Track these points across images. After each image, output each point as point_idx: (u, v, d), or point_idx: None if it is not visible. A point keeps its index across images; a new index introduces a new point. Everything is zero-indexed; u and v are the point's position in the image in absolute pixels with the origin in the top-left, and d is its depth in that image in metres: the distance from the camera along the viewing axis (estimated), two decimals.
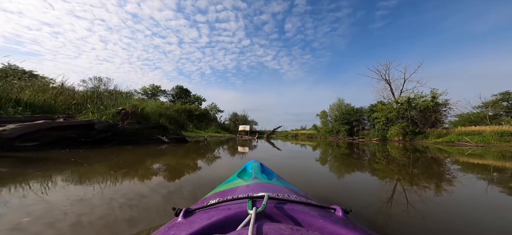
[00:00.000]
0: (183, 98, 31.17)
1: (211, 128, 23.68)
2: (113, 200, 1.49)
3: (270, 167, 1.46)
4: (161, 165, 3.11)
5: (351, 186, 2.29)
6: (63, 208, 1.29)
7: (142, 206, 1.39)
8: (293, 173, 2.77)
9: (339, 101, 30.33)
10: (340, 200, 1.74)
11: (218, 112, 32.63)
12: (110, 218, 1.18)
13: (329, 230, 0.46)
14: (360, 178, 2.70)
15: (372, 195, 1.92)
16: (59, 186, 1.79)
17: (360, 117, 24.54)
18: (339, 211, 0.61)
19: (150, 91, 30.37)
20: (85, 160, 3.13)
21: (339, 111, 28.14)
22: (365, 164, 3.97)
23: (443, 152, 6.86)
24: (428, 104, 16.77)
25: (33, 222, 1.10)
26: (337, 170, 3.27)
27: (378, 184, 2.40)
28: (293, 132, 36.25)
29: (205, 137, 12.51)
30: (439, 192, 2.01)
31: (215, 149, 6.00)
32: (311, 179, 2.48)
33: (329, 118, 31.52)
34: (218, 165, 3.41)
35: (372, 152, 6.59)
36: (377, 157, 5.20)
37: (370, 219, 1.31)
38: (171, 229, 0.50)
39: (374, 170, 3.32)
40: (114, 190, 1.72)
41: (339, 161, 4.43)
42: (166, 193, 1.70)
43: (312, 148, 8.26)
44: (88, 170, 2.52)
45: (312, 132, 33.48)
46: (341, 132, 24.38)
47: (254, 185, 0.85)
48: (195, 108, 24.98)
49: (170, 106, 17.10)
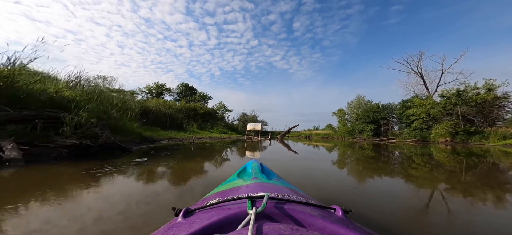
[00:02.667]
0: (188, 96, 29.21)
1: (216, 128, 21.39)
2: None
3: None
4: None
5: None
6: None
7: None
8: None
9: (358, 99, 27.22)
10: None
11: (226, 112, 30.37)
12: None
13: (329, 230, 0.46)
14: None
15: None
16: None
17: (388, 115, 21.12)
18: (339, 211, 0.60)
19: (154, 90, 28.73)
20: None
21: (359, 109, 24.94)
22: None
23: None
24: (487, 97, 13.23)
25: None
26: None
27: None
28: (306, 132, 33.89)
29: (192, 138, 9.76)
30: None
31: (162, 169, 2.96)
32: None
33: (347, 117, 28.39)
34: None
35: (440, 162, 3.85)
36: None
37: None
38: (171, 229, 0.50)
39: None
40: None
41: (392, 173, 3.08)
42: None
43: (337, 152, 6.53)
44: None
45: (328, 132, 30.79)
46: (365, 131, 21.10)
47: (254, 185, 0.85)
48: (200, 106, 22.78)
49: (161, 103, 14.72)
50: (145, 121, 9.78)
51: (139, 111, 8.95)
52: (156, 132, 8.77)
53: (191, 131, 13.91)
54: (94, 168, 2.69)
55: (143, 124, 9.14)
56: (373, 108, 22.02)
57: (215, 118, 24.68)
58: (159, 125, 10.86)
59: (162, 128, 10.74)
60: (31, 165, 2.76)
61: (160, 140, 7.60)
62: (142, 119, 9.24)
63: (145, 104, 11.15)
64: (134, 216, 1.29)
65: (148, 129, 8.81)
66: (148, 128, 8.82)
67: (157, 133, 8.54)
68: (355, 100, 27.48)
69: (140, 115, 9.27)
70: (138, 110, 8.62)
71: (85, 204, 1.49)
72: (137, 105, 9.37)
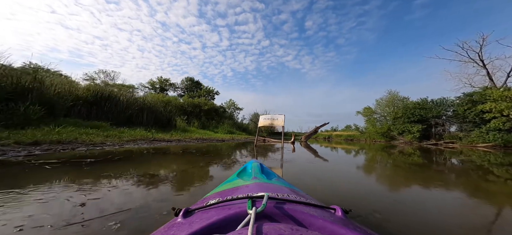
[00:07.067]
0: (193, 91, 26.38)
1: (222, 127, 18.08)
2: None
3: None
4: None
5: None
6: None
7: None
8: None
9: (390, 95, 22.74)
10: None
11: (236, 110, 27.08)
12: None
13: (329, 230, 0.45)
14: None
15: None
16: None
17: (443, 112, 16.33)
18: (339, 211, 0.58)
19: (158, 85, 26.30)
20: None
21: (394, 107, 20.36)
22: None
23: None
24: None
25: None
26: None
27: None
28: (324, 134, 29.81)
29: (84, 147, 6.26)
30: None
31: None
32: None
33: (377, 116, 23.91)
34: None
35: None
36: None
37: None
38: (171, 229, 0.49)
39: None
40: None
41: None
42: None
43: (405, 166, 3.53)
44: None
45: (353, 133, 26.41)
46: (410, 133, 16.52)
47: (254, 185, 0.84)
48: (204, 102, 19.65)
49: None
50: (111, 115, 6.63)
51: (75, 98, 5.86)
52: (105, 131, 5.41)
53: (183, 129, 10.62)
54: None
55: (86, 117, 5.98)
56: (421, 104, 17.35)
57: (222, 115, 21.44)
58: (133, 122, 7.62)
59: (132, 125, 7.44)
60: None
61: (80, 146, 3.85)
62: (94, 110, 6.10)
63: (101, 90, 7.44)
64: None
65: (94, 125, 5.60)
66: (91, 124, 5.60)
67: (105, 133, 5.16)
68: (387, 97, 23.05)
69: (90, 104, 6.12)
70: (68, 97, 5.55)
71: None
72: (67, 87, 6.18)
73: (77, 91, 6.57)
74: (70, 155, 3.11)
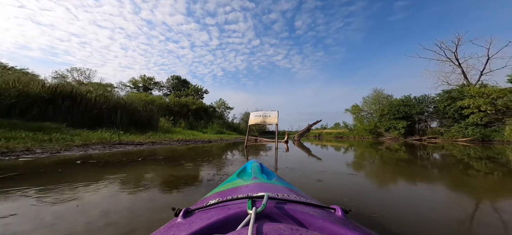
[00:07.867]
0: (180, 90, 25.59)
1: (211, 127, 17.68)
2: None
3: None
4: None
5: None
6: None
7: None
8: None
9: (376, 93, 23.35)
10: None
11: (226, 109, 26.60)
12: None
13: (329, 230, 0.45)
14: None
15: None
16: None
17: (425, 109, 16.99)
18: (339, 211, 0.57)
19: (141, 83, 25.21)
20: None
21: (380, 104, 20.99)
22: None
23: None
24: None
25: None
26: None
27: None
28: (315, 132, 30.49)
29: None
30: None
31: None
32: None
33: (364, 113, 24.55)
34: None
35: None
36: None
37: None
38: (171, 229, 0.49)
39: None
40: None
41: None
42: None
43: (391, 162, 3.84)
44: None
45: (342, 131, 27.08)
46: (395, 129, 17.04)
47: (254, 185, 0.83)
48: (192, 101, 19.11)
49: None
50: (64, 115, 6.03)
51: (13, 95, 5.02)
52: (49, 134, 4.43)
53: (165, 130, 10.15)
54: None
55: (38, 118, 5.33)
56: (405, 101, 17.93)
57: (211, 115, 20.98)
58: (104, 122, 7.01)
59: (103, 126, 6.83)
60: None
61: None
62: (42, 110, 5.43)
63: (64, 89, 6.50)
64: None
65: (37, 126, 4.70)
66: (34, 125, 4.72)
67: (48, 136, 4.24)
68: (373, 95, 23.64)
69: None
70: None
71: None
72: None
73: (25, 87, 5.60)
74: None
